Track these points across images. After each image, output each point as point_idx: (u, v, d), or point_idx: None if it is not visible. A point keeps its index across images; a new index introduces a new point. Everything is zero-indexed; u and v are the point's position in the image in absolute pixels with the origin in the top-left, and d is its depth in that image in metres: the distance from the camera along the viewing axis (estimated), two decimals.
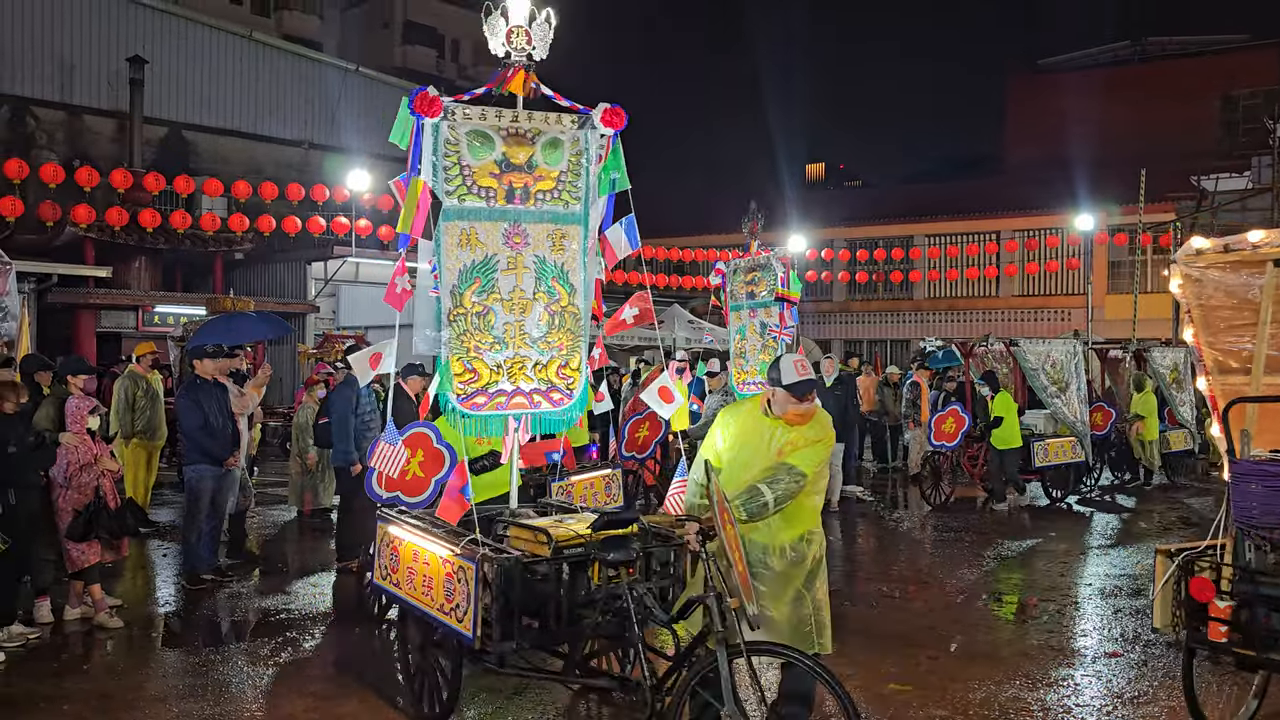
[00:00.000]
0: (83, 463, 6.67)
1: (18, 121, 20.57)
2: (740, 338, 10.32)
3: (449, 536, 4.82)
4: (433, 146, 4.81)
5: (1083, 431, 12.89)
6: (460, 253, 4.89)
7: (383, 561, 5.35)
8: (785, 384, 4.33)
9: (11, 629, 6.39)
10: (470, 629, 4.43)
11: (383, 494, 5.76)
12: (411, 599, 5.02)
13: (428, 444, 5.89)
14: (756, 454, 4.44)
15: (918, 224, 29.71)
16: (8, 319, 10.40)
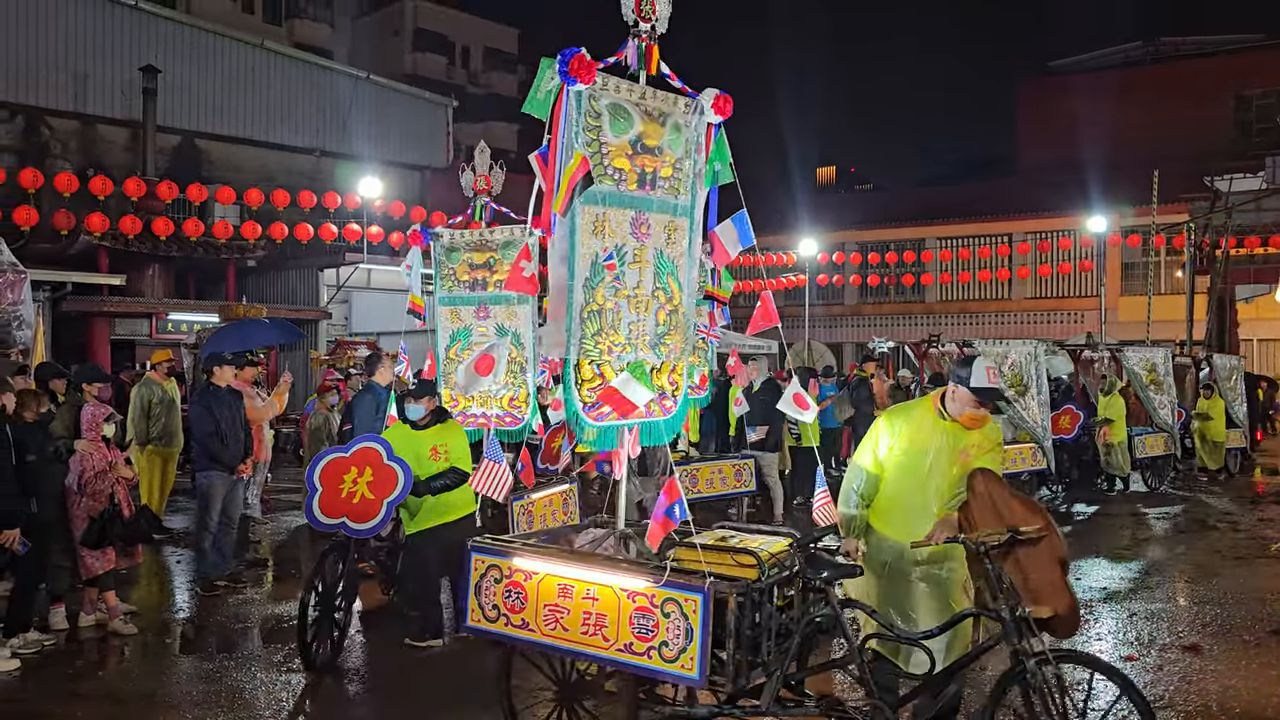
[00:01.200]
0: (97, 470, 6.70)
1: (32, 131, 20.73)
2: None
3: (621, 566, 4.32)
4: (577, 118, 4.31)
5: (1043, 436, 12.25)
6: (592, 241, 4.39)
7: (488, 601, 4.53)
8: (973, 385, 4.33)
9: (27, 635, 6.42)
10: (694, 669, 3.94)
11: (325, 519, 5.73)
12: (559, 641, 4.32)
13: (377, 460, 5.88)
14: (934, 459, 4.42)
15: (929, 226, 29.64)
16: (23, 327, 10.49)
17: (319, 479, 5.94)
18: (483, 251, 7.32)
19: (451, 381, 7.38)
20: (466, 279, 7.33)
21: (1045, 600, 3.94)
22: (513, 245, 7.17)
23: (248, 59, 24.10)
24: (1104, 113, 29.64)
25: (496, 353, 5.59)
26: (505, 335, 7.19)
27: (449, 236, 7.37)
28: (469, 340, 7.33)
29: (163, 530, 9.79)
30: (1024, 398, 12.23)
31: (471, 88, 41.65)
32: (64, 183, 16.63)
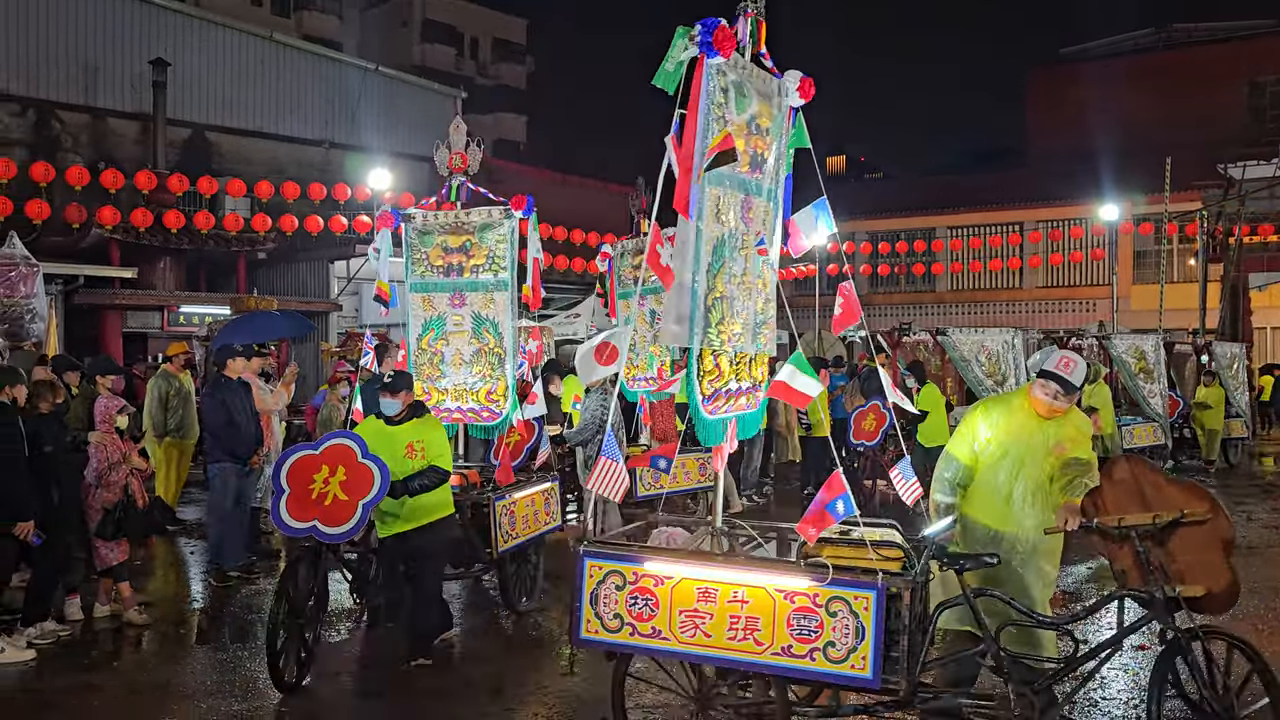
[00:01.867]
0: (112, 461, 6.74)
1: (43, 125, 20.78)
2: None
3: (777, 566, 4.16)
4: (707, 94, 4.00)
5: None
6: (715, 226, 4.17)
7: (608, 610, 4.22)
8: (1042, 368, 4.48)
9: (44, 625, 6.48)
10: (867, 668, 3.83)
11: (294, 523, 5.26)
12: (700, 649, 4.09)
13: (349, 459, 5.34)
14: (1030, 450, 4.52)
15: (940, 216, 29.53)
16: (36, 320, 10.54)
17: (286, 479, 5.38)
18: (459, 234, 7.01)
19: (425, 374, 7.10)
20: (440, 264, 7.06)
21: (1195, 579, 4.10)
22: (491, 228, 6.97)
23: (257, 51, 24.10)
24: (1116, 100, 29.46)
25: (617, 340, 4.63)
26: (483, 324, 7.00)
27: (421, 218, 7.07)
28: (443, 329, 7.09)
29: (176, 521, 9.86)
30: (1002, 388, 11.85)
31: (480, 79, 41.60)
32: (75, 176, 16.67)
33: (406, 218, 7.09)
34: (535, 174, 31.49)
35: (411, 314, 7.18)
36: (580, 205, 29.37)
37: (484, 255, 6.93)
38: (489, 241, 6.94)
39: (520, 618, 7.02)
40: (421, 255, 7.09)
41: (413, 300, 7.17)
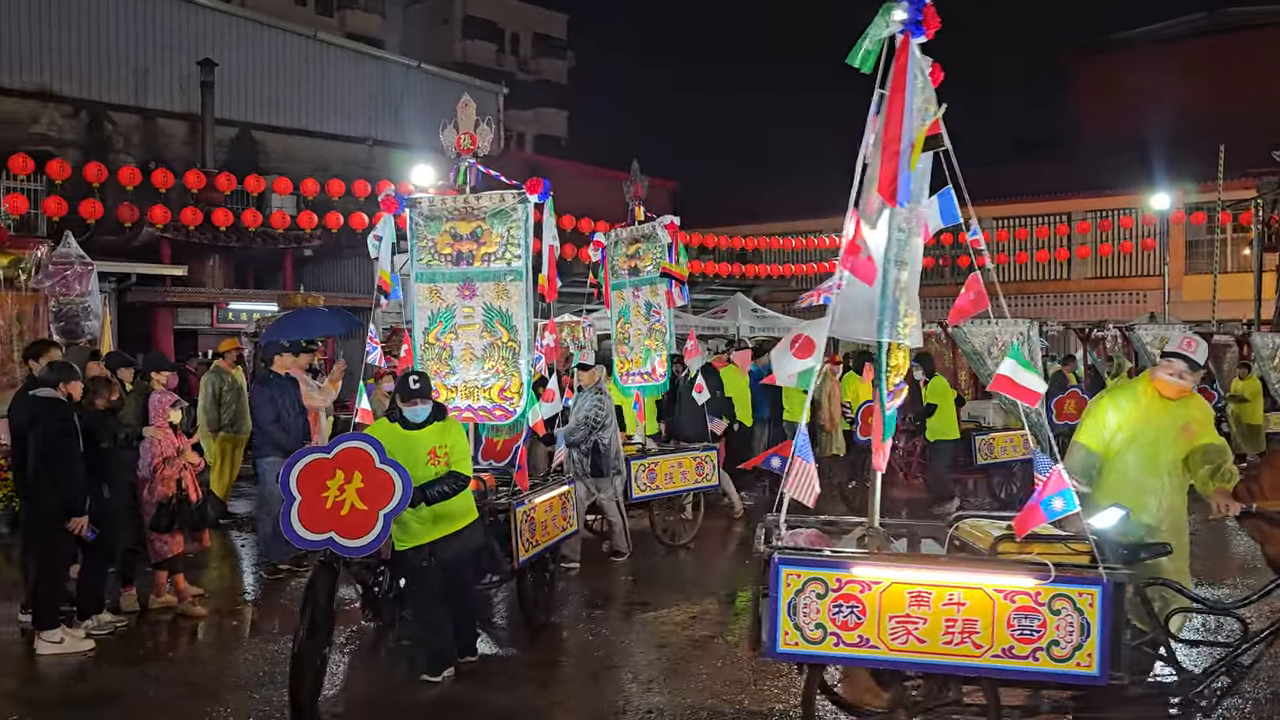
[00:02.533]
0: (166, 456, 6.87)
1: (96, 126, 21.21)
2: (623, 320, 8.89)
3: (998, 565, 4.05)
4: (913, 75, 3.92)
5: (1039, 423, 10.90)
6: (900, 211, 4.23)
7: (809, 620, 4.00)
8: (1165, 350, 4.57)
9: (101, 617, 6.63)
10: (1094, 665, 3.84)
11: (308, 535, 4.83)
12: (912, 655, 3.97)
13: (367, 464, 4.86)
14: (1162, 434, 4.61)
15: (984, 206, 28.88)
16: (91, 317, 10.78)
17: (297, 485, 4.87)
18: (469, 220, 6.54)
19: (432, 370, 6.54)
20: (449, 251, 6.59)
21: None
22: (503, 214, 6.52)
23: (301, 50, 24.40)
24: (1167, 86, 28.80)
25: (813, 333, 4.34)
26: (495, 316, 6.55)
27: (427, 203, 6.64)
28: (451, 322, 6.64)
29: (227, 515, 10.03)
30: None
31: (521, 74, 41.79)
32: (127, 176, 16.98)
33: (411, 203, 6.68)
34: (576, 169, 31.58)
35: (417, 306, 6.72)
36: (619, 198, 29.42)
37: (496, 243, 6.50)
38: (502, 228, 6.51)
39: (543, 632, 6.68)
40: (428, 243, 6.63)
41: (418, 291, 6.70)
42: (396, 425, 5.52)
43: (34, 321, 10.22)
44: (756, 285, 27.19)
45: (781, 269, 26.50)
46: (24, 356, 8.11)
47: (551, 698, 5.65)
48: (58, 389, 6.29)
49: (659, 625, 6.89)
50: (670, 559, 9.06)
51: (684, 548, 9.30)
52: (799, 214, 30.65)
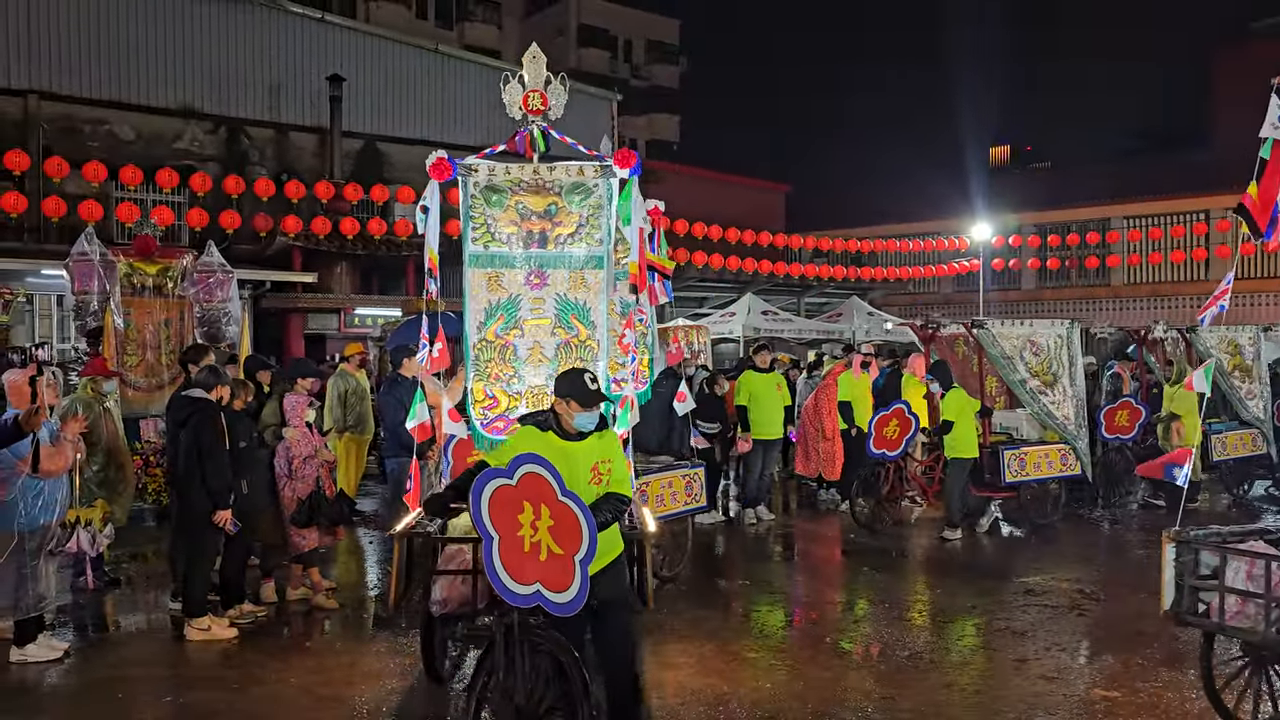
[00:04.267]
0: (305, 455, 7.18)
1: (234, 141, 22.31)
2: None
3: None
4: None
5: (1075, 436, 10.38)
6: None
7: None
8: None
9: (243, 607, 6.99)
10: None
11: (517, 589, 3.80)
12: None
13: (549, 495, 3.81)
14: None
15: (1115, 205, 27.93)
16: (231, 323, 11.34)
17: (490, 518, 3.81)
18: (541, 195, 5.47)
19: (490, 373, 5.52)
20: (514, 231, 5.48)
21: None
22: (582, 190, 5.45)
23: (423, 63, 25.14)
24: None
25: None
26: (570, 310, 5.50)
27: (486, 171, 5.48)
28: (515, 316, 5.51)
29: (355, 512, 10.41)
30: (1053, 389, 10.37)
31: (634, 80, 42.12)
32: (262, 188, 17.82)
33: (466, 169, 5.51)
34: (689, 172, 31.66)
35: (470, 296, 5.59)
36: (732, 203, 29.34)
37: (574, 223, 5.47)
38: (580, 206, 5.50)
39: None
40: (486, 219, 5.50)
41: (472, 278, 5.57)
42: (551, 435, 4.41)
43: (180, 327, 10.82)
44: (872, 288, 26.74)
45: (898, 271, 26.00)
46: (182, 361, 8.61)
47: None
48: (210, 391, 6.66)
49: None
50: None
51: (671, 580, 8.02)
52: (914, 216, 30.05)
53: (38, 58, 19.70)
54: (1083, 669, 6.19)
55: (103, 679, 5.95)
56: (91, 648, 6.54)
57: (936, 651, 6.50)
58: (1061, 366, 10.46)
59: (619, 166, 5.48)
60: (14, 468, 5.87)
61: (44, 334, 16.35)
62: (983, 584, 8.20)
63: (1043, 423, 10.43)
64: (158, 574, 8.15)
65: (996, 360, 10.39)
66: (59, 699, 5.73)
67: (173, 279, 10.82)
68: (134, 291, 10.52)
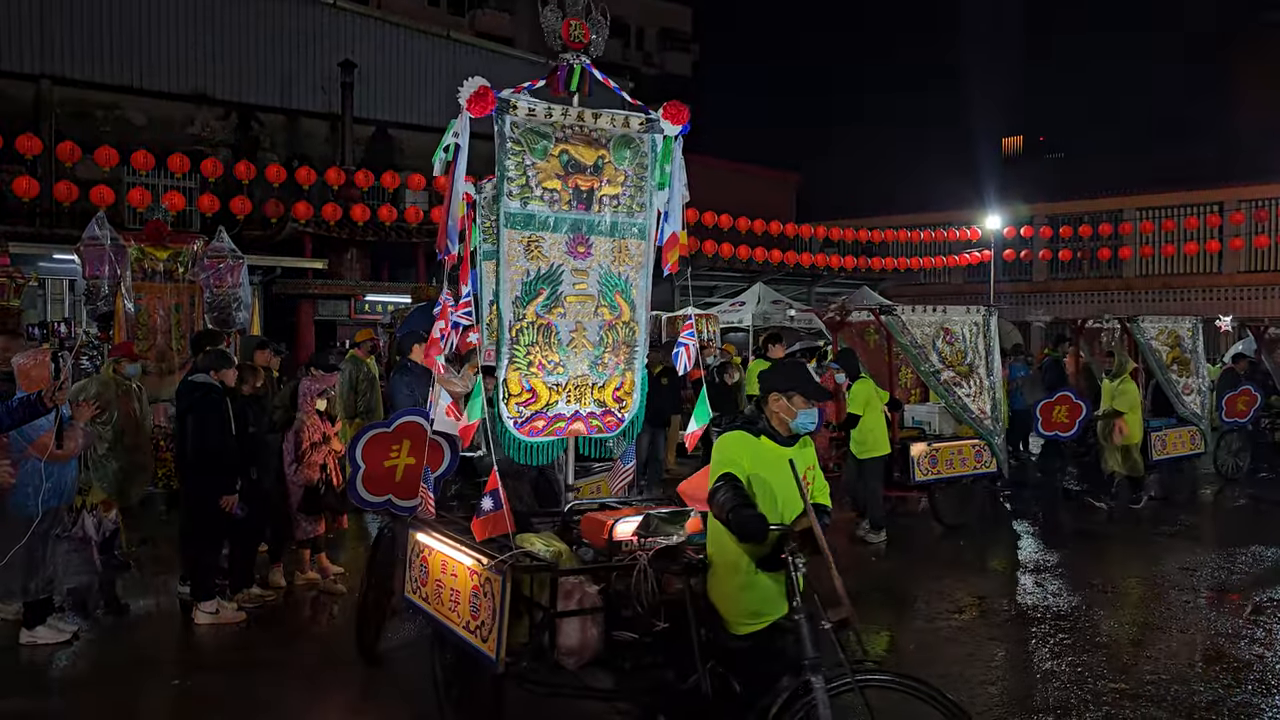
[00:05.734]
0: (313, 441, 7.20)
1: (245, 127, 22.34)
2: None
3: None
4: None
5: (993, 431, 9.63)
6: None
7: None
8: None
9: (251, 591, 7.02)
10: None
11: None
12: None
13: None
14: None
15: (1127, 197, 27.80)
16: (242, 308, 11.38)
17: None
18: (591, 146, 4.56)
19: (528, 360, 4.52)
20: (555, 187, 4.48)
21: None
22: (630, 144, 4.63)
23: (435, 50, 25.12)
24: None
25: None
26: (614, 286, 4.71)
27: (526, 110, 4.46)
28: (557, 291, 4.55)
29: None
30: (968, 381, 9.53)
31: (646, 69, 41.99)
32: (274, 174, 17.86)
33: (505, 106, 4.44)
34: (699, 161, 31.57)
35: (507, 263, 4.45)
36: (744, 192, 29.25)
37: (620, 182, 4.64)
38: (626, 162, 4.66)
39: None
40: (525, 169, 4.44)
41: (507, 240, 4.44)
42: (765, 440, 3.86)
43: (190, 312, 10.86)
44: (883, 279, 26.68)
45: (909, 262, 25.93)
46: (193, 346, 8.66)
47: None
48: (215, 373, 6.68)
49: None
50: None
51: None
52: (925, 206, 29.93)
53: (50, 43, 19.75)
54: None
55: (111, 661, 5.99)
56: (100, 630, 6.58)
57: None
58: (978, 356, 9.64)
59: (669, 121, 4.68)
60: (24, 451, 5.91)
61: (55, 319, 16.45)
62: None
63: (957, 417, 9.63)
64: (167, 558, 8.19)
65: (908, 350, 9.44)
66: (67, 681, 5.77)
67: (183, 264, 10.85)
68: (145, 276, 10.56)
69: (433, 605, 4.68)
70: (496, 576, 4.01)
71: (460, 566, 4.40)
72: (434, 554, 4.72)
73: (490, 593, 4.05)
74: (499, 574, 3.99)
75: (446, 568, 4.56)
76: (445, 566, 4.58)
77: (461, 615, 4.33)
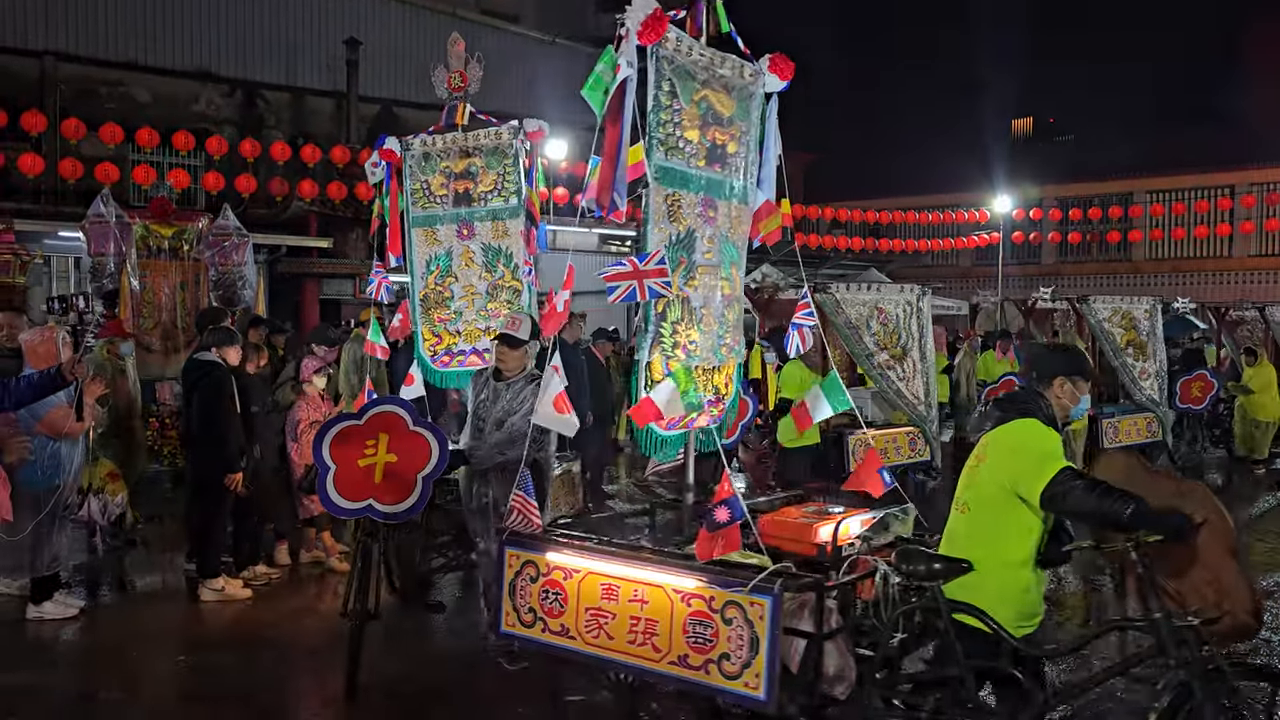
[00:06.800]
0: (313, 419, 7.19)
1: (249, 105, 22.25)
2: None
3: None
4: None
5: (927, 417, 9.07)
6: None
7: None
8: None
9: (257, 568, 7.04)
10: None
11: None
12: None
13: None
14: None
15: (1138, 179, 27.61)
16: (247, 287, 11.36)
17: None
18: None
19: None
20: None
21: None
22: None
23: (440, 28, 24.95)
24: None
25: None
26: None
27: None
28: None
29: None
30: (901, 364, 8.83)
31: None
32: (278, 152, 17.78)
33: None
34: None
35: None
36: None
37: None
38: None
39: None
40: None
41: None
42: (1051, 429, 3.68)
43: (195, 290, 10.83)
44: (890, 260, 26.58)
45: (916, 244, 25.83)
46: (198, 324, 8.65)
47: None
48: (220, 349, 6.67)
49: None
50: None
51: None
52: (933, 188, 29.76)
53: (55, 19, 19.65)
54: None
55: (117, 637, 6.01)
56: (106, 607, 6.60)
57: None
58: (911, 338, 8.96)
59: (775, 76, 4.44)
60: (32, 428, 5.90)
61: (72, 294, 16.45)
62: None
63: (891, 402, 9.02)
64: (173, 535, 8.21)
65: (841, 330, 8.80)
66: (74, 656, 5.80)
67: (188, 242, 10.82)
68: (150, 254, 10.53)
69: (586, 640, 3.85)
70: (759, 600, 3.43)
71: (658, 591, 3.67)
72: (587, 578, 3.87)
73: (743, 619, 3.47)
74: (765, 596, 3.42)
75: (619, 593, 3.78)
76: (615, 592, 3.79)
77: (665, 649, 3.65)
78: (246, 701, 5.14)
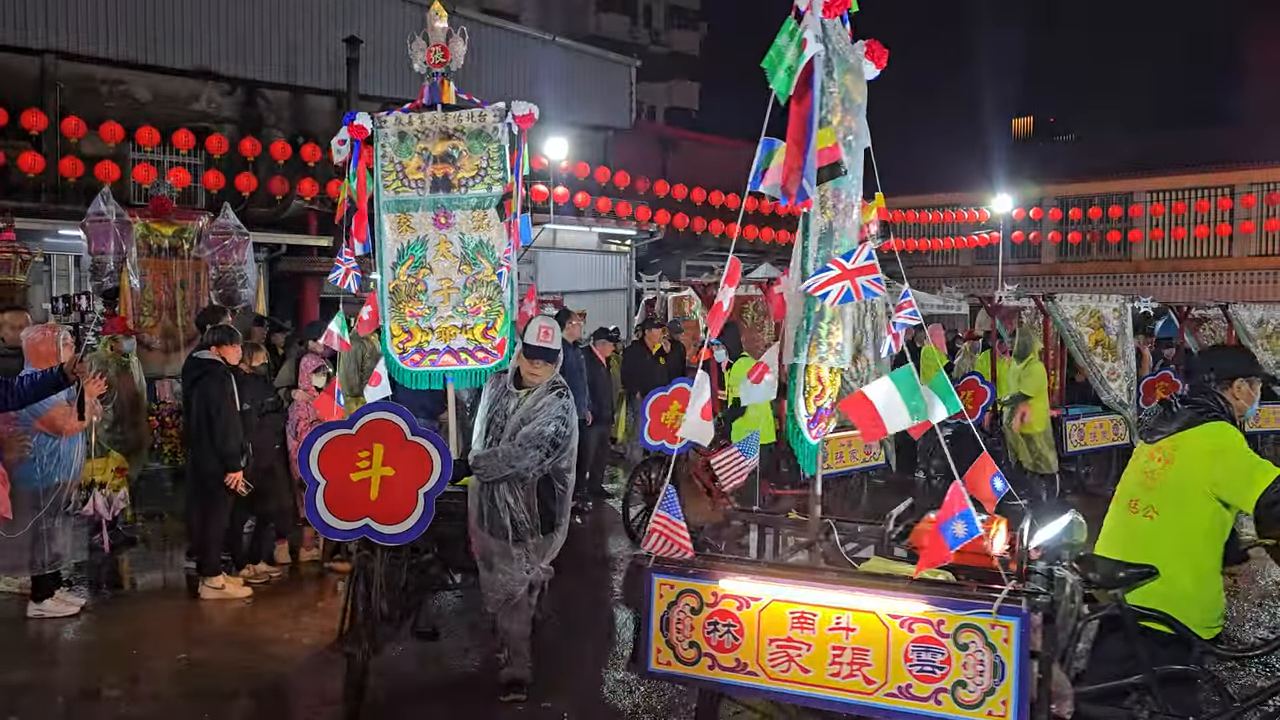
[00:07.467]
0: (312, 418, 7.19)
1: (250, 103, 22.22)
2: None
3: None
4: None
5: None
6: None
7: None
8: None
9: (257, 567, 7.05)
10: None
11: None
12: None
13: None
14: None
15: (1138, 179, 27.59)
16: (247, 285, 11.37)
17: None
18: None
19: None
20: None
21: None
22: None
23: None
24: None
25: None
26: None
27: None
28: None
29: None
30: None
31: (654, 47, 41.76)
32: (279, 150, 17.77)
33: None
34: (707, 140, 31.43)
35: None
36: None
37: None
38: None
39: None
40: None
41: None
42: None
43: (196, 288, 10.85)
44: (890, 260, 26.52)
45: (916, 243, 25.85)
46: (199, 322, 8.66)
47: None
48: (219, 347, 6.68)
49: None
50: None
51: None
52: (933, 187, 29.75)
53: (55, 17, 19.63)
54: None
55: (117, 635, 6.02)
56: (107, 605, 6.61)
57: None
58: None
59: (871, 63, 4.26)
60: (32, 427, 5.91)
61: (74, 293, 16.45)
62: None
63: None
64: (173, 533, 8.22)
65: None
66: (74, 654, 5.80)
67: (188, 240, 10.83)
68: (150, 252, 10.55)
69: (771, 675, 3.55)
70: (1006, 621, 3.21)
71: (869, 617, 3.41)
72: (770, 606, 3.55)
73: (983, 643, 3.26)
74: (1013, 618, 3.20)
75: (816, 621, 3.50)
76: (810, 620, 3.50)
77: (880, 680, 3.40)
78: (247, 700, 5.15)
